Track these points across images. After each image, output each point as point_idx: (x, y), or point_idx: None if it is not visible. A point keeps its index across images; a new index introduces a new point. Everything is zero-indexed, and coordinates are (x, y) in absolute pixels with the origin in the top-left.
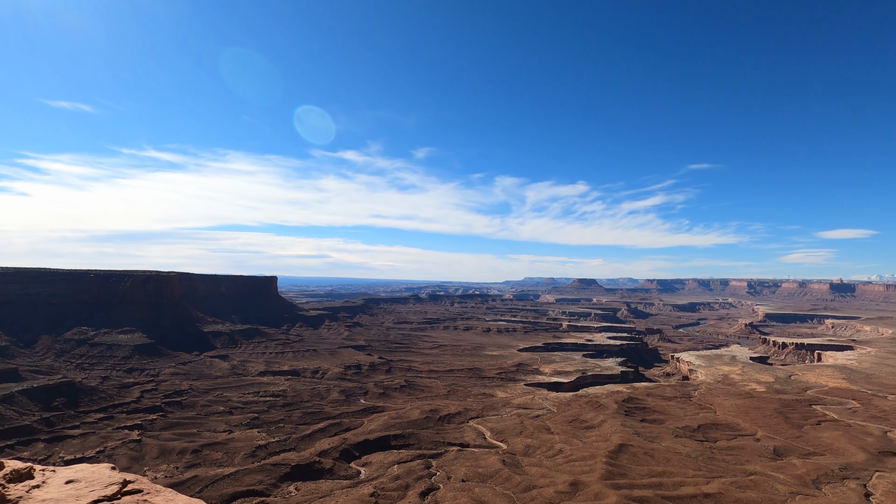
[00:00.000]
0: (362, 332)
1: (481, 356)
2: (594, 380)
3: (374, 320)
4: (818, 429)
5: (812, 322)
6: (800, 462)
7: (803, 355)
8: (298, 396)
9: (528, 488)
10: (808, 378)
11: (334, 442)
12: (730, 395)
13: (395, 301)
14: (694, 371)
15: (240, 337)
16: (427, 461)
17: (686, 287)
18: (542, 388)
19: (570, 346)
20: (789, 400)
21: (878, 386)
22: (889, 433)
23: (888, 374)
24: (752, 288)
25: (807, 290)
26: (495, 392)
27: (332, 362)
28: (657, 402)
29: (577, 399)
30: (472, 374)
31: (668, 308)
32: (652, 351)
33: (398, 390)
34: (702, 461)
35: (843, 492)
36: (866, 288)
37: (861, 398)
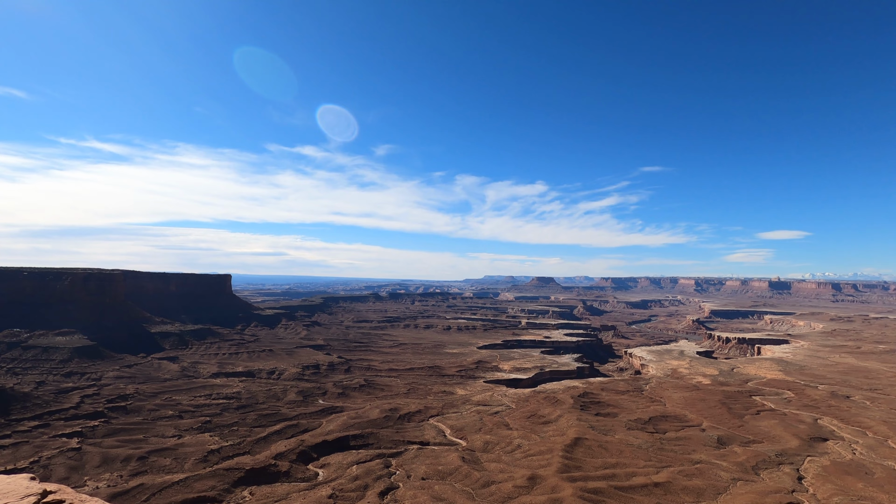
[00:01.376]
0: (321, 332)
1: (442, 354)
2: (552, 376)
3: (334, 319)
4: (757, 418)
5: (753, 318)
6: (741, 450)
7: (745, 349)
8: (253, 398)
9: (487, 484)
10: (748, 370)
11: (291, 444)
12: (678, 388)
13: (355, 300)
14: (645, 366)
15: (191, 338)
16: (387, 460)
17: (639, 285)
18: (501, 385)
19: (528, 343)
20: (732, 391)
21: (810, 377)
22: (819, 420)
23: (819, 365)
24: (699, 286)
25: (748, 287)
26: (455, 390)
27: (289, 362)
28: (611, 396)
29: (535, 395)
30: (432, 372)
31: (621, 305)
32: (606, 347)
33: (358, 390)
34: (652, 452)
35: (778, 476)
36: (800, 286)
37: (795, 388)
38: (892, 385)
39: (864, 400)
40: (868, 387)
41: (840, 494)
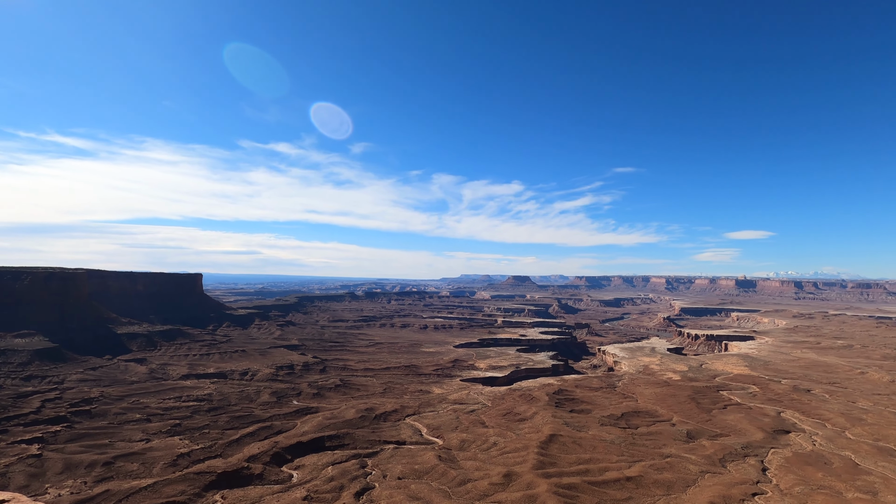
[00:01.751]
0: (295, 331)
1: (418, 353)
2: (527, 373)
3: (308, 319)
4: (724, 412)
5: (720, 315)
6: (709, 443)
7: (713, 345)
8: (225, 400)
9: (463, 482)
10: (716, 366)
11: (264, 446)
12: (650, 384)
13: (331, 299)
14: (618, 362)
15: (159, 338)
16: (362, 460)
17: (612, 283)
18: (477, 384)
19: (504, 341)
20: (700, 387)
21: (774, 372)
22: (782, 413)
23: (782, 360)
24: (669, 284)
25: (716, 285)
26: (432, 388)
27: (262, 363)
28: (585, 392)
29: (510, 393)
30: (408, 372)
31: (595, 303)
32: (581, 344)
33: (333, 390)
34: (624, 447)
35: (744, 468)
36: (765, 284)
37: (760, 383)
38: (849, 379)
39: (823, 393)
40: (827, 381)
41: (801, 484)
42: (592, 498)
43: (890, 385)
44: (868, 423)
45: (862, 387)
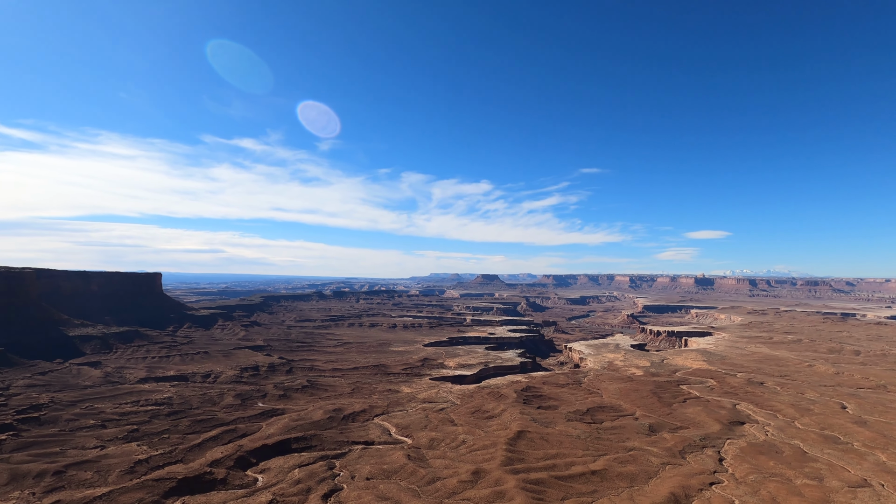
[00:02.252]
0: (261, 332)
1: (387, 352)
2: (496, 371)
3: (274, 319)
4: (684, 405)
5: (681, 312)
6: (670, 436)
7: (673, 341)
8: (187, 403)
9: (432, 480)
10: (677, 361)
11: (228, 450)
12: (614, 380)
13: (297, 298)
14: (584, 359)
15: (115, 341)
16: (330, 462)
17: (578, 282)
18: (446, 382)
19: (473, 339)
20: (662, 381)
21: (730, 366)
22: (737, 406)
23: (738, 355)
24: (633, 282)
25: (677, 283)
26: (401, 388)
27: (226, 364)
28: (552, 389)
29: (479, 391)
30: (377, 371)
31: (562, 301)
32: (548, 342)
33: (300, 391)
34: (590, 441)
35: (702, 459)
36: (722, 282)
37: (717, 377)
38: (798, 372)
39: (775, 386)
40: (778, 374)
41: (755, 473)
42: (559, 492)
43: (835, 377)
44: (815, 413)
45: (810, 379)
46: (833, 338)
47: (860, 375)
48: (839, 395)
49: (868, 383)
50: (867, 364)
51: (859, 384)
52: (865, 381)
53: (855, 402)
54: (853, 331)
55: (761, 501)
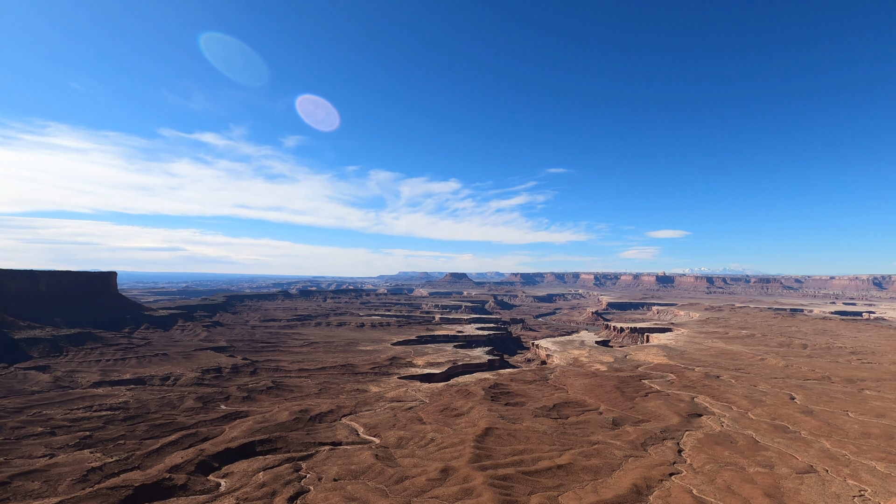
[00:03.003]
0: (223, 332)
1: (355, 352)
2: (464, 369)
3: (238, 319)
4: (646, 399)
5: (643, 309)
6: (632, 429)
7: (636, 337)
8: (144, 407)
9: (400, 479)
10: (639, 357)
11: (189, 454)
12: (579, 376)
13: (262, 297)
14: (550, 356)
15: (66, 343)
16: (296, 464)
17: (545, 280)
18: (415, 381)
19: (441, 338)
20: (625, 376)
21: (688, 360)
22: (695, 399)
23: (696, 350)
24: (598, 280)
25: (639, 281)
26: (369, 387)
27: (186, 366)
28: (519, 386)
29: (448, 389)
30: (345, 371)
31: (529, 299)
32: (515, 339)
33: (265, 392)
34: (556, 436)
35: (663, 450)
36: (682, 279)
37: (677, 371)
38: (752, 365)
39: (730, 379)
40: (733, 367)
41: (711, 462)
42: (526, 487)
43: (785, 369)
44: (766, 404)
45: (762, 371)
46: (783, 332)
47: (807, 368)
48: (788, 387)
49: (814, 375)
50: (813, 357)
51: (806, 376)
52: (812, 373)
53: (802, 393)
54: (801, 325)
55: (717, 490)
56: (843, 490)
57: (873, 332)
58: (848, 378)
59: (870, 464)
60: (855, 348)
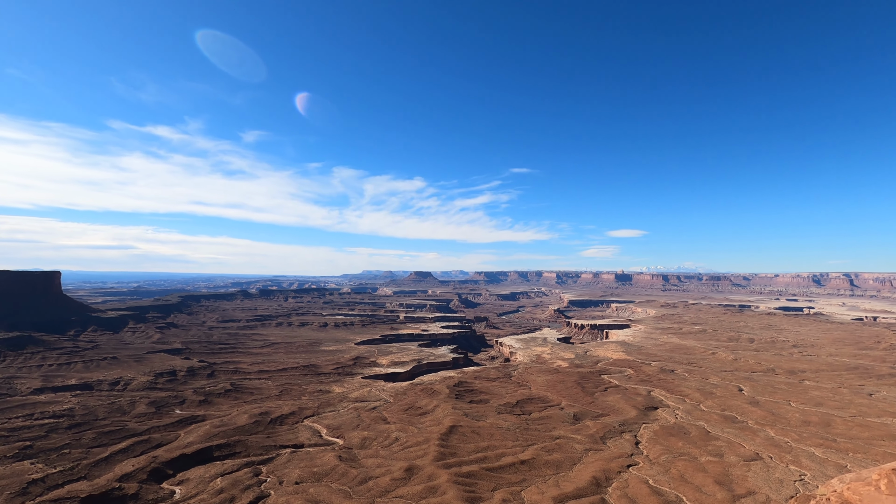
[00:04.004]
0: (178, 334)
1: (317, 352)
2: (429, 368)
3: (194, 320)
4: (605, 394)
5: (603, 306)
6: (592, 423)
7: (596, 334)
8: (91, 414)
9: (364, 480)
10: (599, 353)
11: (141, 462)
12: (542, 372)
13: (220, 297)
14: (514, 353)
15: (3, 348)
16: (256, 468)
17: (508, 278)
18: (379, 380)
19: (406, 336)
20: (585, 372)
21: (645, 355)
22: (652, 392)
23: (652, 345)
24: (559, 278)
25: (599, 279)
26: (332, 388)
27: (138, 370)
28: (483, 383)
29: (412, 388)
30: (307, 372)
31: (493, 298)
32: (480, 337)
33: (223, 395)
34: (519, 432)
35: (621, 443)
36: (639, 277)
37: (634, 366)
38: (703, 359)
39: (684, 372)
40: (687, 361)
41: (666, 453)
42: (490, 483)
43: (733, 363)
44: (717, 396)
45: (713, 365)
46: (732, 328)
47: (754, 361)
48: (737, 379)
49: (760, 367)
50: (759, 350)
51: (753, 368)
52: (758, 366)
53: (750, 385)
54: (748, 321)
55: (671, 479)
56: (785, 475)
57: (813, 326)
58: (790, 370)
59: (809, 450)
60: (796, 342)
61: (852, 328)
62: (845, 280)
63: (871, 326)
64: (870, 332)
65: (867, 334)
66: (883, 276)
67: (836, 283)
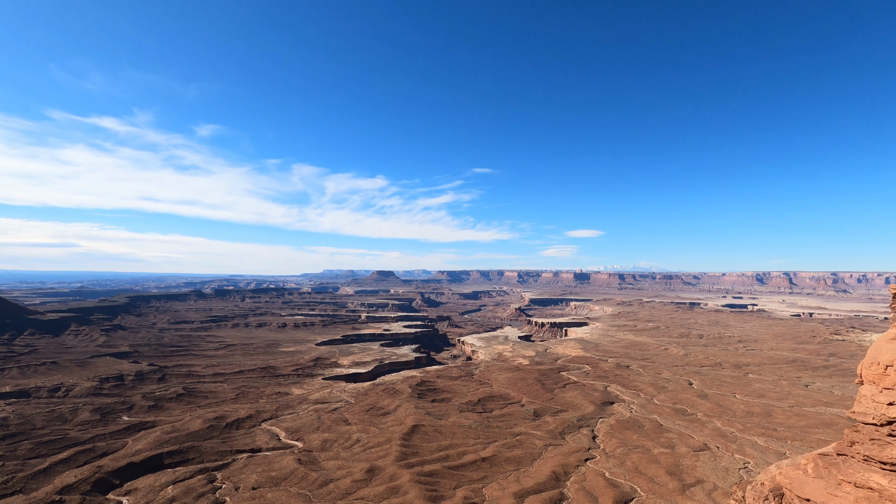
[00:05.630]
0: (126, 337)
1: (276, 353)
2: (391, 367)
3: (143, 321)
4: (564, 390)
5: (562, 304)
6: (552, 419)
7: (556, 332)
8: (28, 423)
9: (324, 483)
10: (558, 350)
11: (84, 472)
12: (503, 370)
13: (172, 298)
14: (476, 351)
15: None
16: (211, 475)
17: (471, 277)
18: (340, 381)
19: (368, 336)
20: (545, 369)
21: (602, 352)
22: (608, 387)
23: (609, 342)
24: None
25: (559, 278)
26: (291, 389)
27: (81, 375)
28: (446, 382)
29: (374, 388)
30: (265, 374)
31: (456, 297)
32: (442, 336)
33: (175, 400)
34: (481, 430)
35: (579, 438)
36: (597, 276)
37: (592, 363)
38: (657, 355)
39: (638, 368)
40: (641, 357)
41: (622, 446)
42: (451, 482)
43: (684, 358)
44: (669, 390)
45: (665, 360)
46: (683, 324)
47: (703, 356)
48: (687, 374)
49: (708, 362)
50: (708, 346)
51: (702, 363)
52: (707, 360)
53: (699, 379)
54: (698, 318)
55: (626, 471)
56: (731, 464)
57: (756, 322)
58: (736, 364)
59: (753, 439)
60: (741, 337)
61: (791, 324)
62: (785, 279)
63: (807, 322)
64: (806, 328)
65: (804, 329)
66: (818, 275)
67: (776, 281)
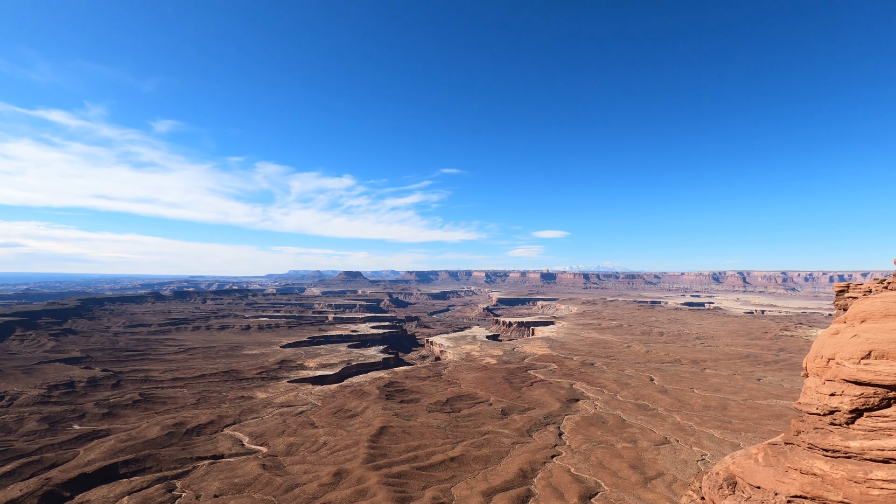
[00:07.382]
0: (77, 341)
1: (239, 356)
2: (358, 369)
3: (96, 325)
4: (531, 389)
5: (529, 304)
6: (519, 417)
7: (523, 331)
8: None
9: (290, 488)
10: (525, 349)
11: (30, 485)
12: (471, 370)
13: (128, 300)
14: (444, 351)
15: None
16: (170, 483)
17: (439, 278)
18: (306, 384)
19: (335, 338)
20: (513, 368)
21: (568, 350)
22: (574, 385)
23: (574, 340)
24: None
25: (526, 278)
26: (255, 393)
27: (27, 383)
28: (414, 383)
29: (341, 390)
30: (228, 378)
31: (424, 297)
32: (410, 337)
33: (130, 406)
34: (449, 430)
35: (546, 435)
36: (563, 276)
37: (558, 361)
38: (620, 352)
39: (602, 365)
40: (605, 355)
41: (587, 442)
42: (420, 482)
43: (646, 355)
44: (632, 386)
45: (628, 357)
46: (645, 322)
47: (663, 352)
48: (649, 370)
49: (669, 358)
50: (668, 343)
51: (663, 360)
52: (667, 357)
53: (660, 375)
54: (659, 316)
55: (591, 466)
56: (689, 456)
57: (713, 319)
58: (694, 360)
59: (709, 432)
60: (699, 334)
61: (745, 321)
62: (739, 278)
63: (759, 319)
64: (759, 325)
65: (757, 326)
66: (769, 274)
67: (731, 280)
